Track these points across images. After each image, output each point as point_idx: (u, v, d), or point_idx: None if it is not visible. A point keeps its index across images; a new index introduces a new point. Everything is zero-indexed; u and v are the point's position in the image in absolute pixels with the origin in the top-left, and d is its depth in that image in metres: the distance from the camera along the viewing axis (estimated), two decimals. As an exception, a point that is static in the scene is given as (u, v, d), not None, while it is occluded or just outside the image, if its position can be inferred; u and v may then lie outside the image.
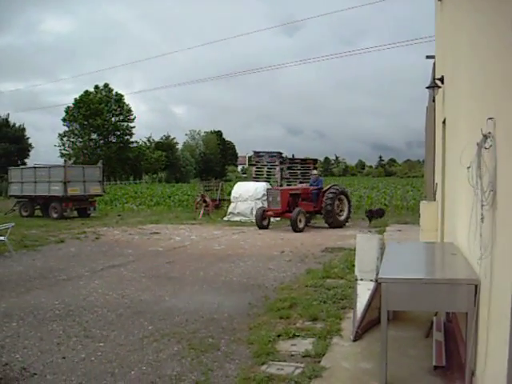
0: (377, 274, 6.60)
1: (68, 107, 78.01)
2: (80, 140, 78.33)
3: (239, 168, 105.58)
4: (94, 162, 33.90)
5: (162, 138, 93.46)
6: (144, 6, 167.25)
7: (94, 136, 78.57)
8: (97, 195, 30.75)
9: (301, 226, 21.21)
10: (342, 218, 23.31)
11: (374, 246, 7.16)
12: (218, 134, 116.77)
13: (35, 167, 31.59)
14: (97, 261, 14.11)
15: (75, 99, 77.27)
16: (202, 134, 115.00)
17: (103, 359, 6.65)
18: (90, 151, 74.86)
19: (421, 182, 50.77)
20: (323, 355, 6.41)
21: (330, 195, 22.73)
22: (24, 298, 9.98)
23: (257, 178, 29.70)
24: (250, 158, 31.22)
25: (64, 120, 78.39)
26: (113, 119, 79.33)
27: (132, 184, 65.99)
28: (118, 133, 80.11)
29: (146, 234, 20.72)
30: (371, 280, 7.11)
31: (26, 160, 60.07)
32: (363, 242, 7.38)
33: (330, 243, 16.95)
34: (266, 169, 29.97)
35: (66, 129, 78.96)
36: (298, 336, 7.19)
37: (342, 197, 23.51)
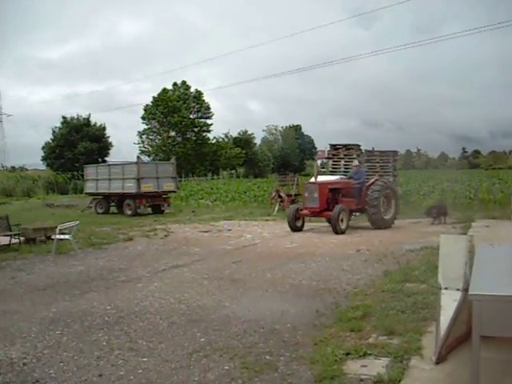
0: (465, 283, 5.44)
1: (147, 105, 78.92)
2: (159, 137, 79.09)
3: (318, 162, 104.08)
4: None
5: (239, 134, 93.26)
6: (214, 3, 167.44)
7: (172, 133, 79.14)
8: (170, 191, 30.39)
9: (343, 226, 18.32)
10: (389, 217, 20.28)
11: (462, 249, 5.91)
12: (297, 128, 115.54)
13: (109, 164, 31.66)
14: (160, 260, 13.41)
15: (153, 97, 78.04)
16: (280, 128, 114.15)
17: (143, 378, 5.78)
18: (169, 148, 75.28)
19: (508, 174, 48.03)
20: (399, 382, 5.29)
21: (376, 191, 19.82)
22: (76, 302, 9.33)
23: (334, 172, 28.41)
24: (328, 152, 30.18)
25: (143, 118, 79.33)
26: (191, 116, 79.65)
27: (209, 180, 65.92)
28: (196, 129, 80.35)
29: (216, 231, 19.98)
30: (457, 289, 5.87)
31: (106, 158, 60.94)
32: (448, 243, 6.12)
33: (410, 240, 15.56)
34: (343, 162, 28.61)
35: (145, 127, 79.97)
36: (370, 355, 6.07)
37: (389, 192, 20.65)
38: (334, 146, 29.56)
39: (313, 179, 21.07)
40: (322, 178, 21.99)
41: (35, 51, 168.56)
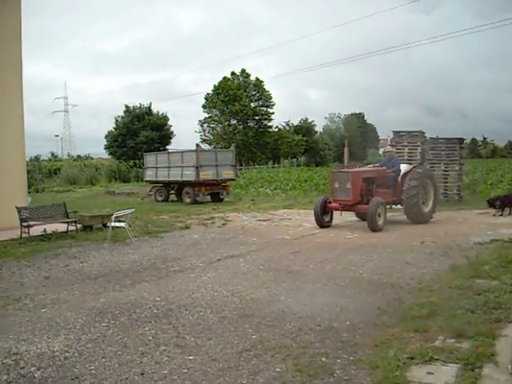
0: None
1: (207, 94, 79.07)
2: (219, 126, 79.16)
3: (380, 151, 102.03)
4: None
5: (300, 122, 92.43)
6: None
7: (233, 121, 79.03)
8: (229, 179, 30.05)
9: (380, 222, 15.82)
10: (427, 210, 17.87)
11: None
12: (359, 116, 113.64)
13: (169, 152, 31.58)
14: (216, 250, 13.01)
15: (214, 86, 78.07)
16: (342, 116, 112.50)
17: (187, 380, 5.35)
18: (230, 136, 75.19)
19: None
20: (471, 395, 4.67)
21: (414, 180, 17.40)
22: (126, 293, 9.03)
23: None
24: (391, 140, 29.12)
25: (204, 107, 79.55)
26: (252, 104, 79.32)
27: (270, 168, 65.48)
28: (257, 118, 80.00)
29: (275, 220, 19.49)
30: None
31: (167, 147, 61.18)
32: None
33: (478, 232, 14.64)
34: (406, 150, 27.53)
35: (206, 115, 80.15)
36: (437, 360, 5.45)
37: (427, 182, 18.16)
38: (397, 133, 28.50)
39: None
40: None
41: (96, 43, 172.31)
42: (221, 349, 6.18)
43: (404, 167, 18.05)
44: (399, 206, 18.10)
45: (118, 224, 14.81)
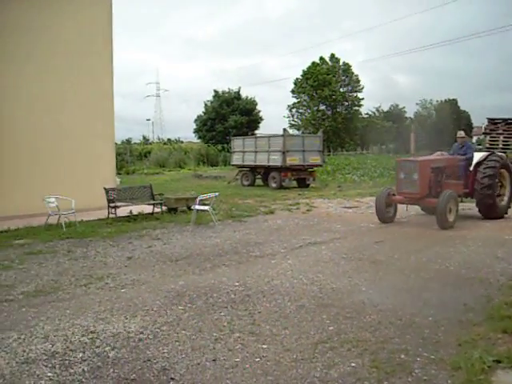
0: None
1: (296, 79, 78.67)
2: (308, 111, 78.66)
3: (474, 139, 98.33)
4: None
5: (390, 108, 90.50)
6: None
7: (321, 107, 78.31)
8: (316, 165, 29.75)
9: (451, 219, 13.89)
10: (502, 203, 15.96)
11: None
12: (453, 102, 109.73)
13: (256, 137, 31.64)
14: (299, 236, 12.83)
15: (303, 71, 77.60)
16: (435, 102, 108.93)
17: (258, 369, 5.21)
18: (318, 122, 74.60)
19: None
20: None
21: (490, 167, 15.38)
22: (205, 276, 9.01)
23: (491, 149, 26.23)
24: (485, 127, 27.83)
25: (293, 92, 79.25)
26: (341, 90, 78.29)
27: (358, 155, 64.52)
28: (346, 103, 78.91)
29: (361, 207, 19.08)
30: None
31: (256, 131, 61.45)
32: None
33: None
34: (501, 138, 26.28)
35: (295, 100, 79.82)
36: (528, 365, 5.05)
37: (503, 172, 16.06)
38: (492, 121, 27.26)
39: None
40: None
41: (185, 29, 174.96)
42: (296, 339, 6.00)
43: (478, 155, 16.12)
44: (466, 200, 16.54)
45: (202, 207, 14.91)
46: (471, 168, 15.81)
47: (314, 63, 77.65)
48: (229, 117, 62.11)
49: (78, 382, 5.00)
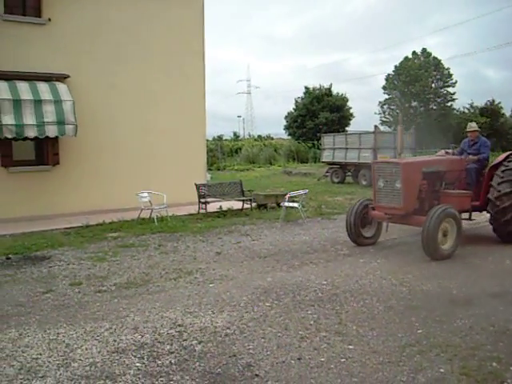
0: None
1: (388, 75, 77.24)
2: (400, 107, 77.01)
3: None
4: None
5: (486, 104, 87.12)
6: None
7: (413, 103, 76.47)
8: (408, 163, 29.03)
9: (445, 246, 10.14)
10: None
11: None
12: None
13: (346, 134, 31.32)
14: (389, 235, 12.50)
15: (395, 66, 76.01)
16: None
17: (343, 370, 5.14)
18: (410, 118, 72.90)
19: None
20: None
21: (508, 174, 11.34)
22: (293, 274, 9.01)
23: None
24: None
25: (384, 88, 77.85)
26: (432, 85, 76.07)
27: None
28: (439, 99, 76.62)
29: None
30: None
31: (346, 128, 60.76)
32: None
33: None
34: None
35: (387, 97, 78.35)
36: None
37: None
38: None
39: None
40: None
41: (269, 27, 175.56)
42: (383, 341, 5.89)
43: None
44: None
45: (291, 204, 14.92)
46: (486, 171, 11.96)
47: (406, 58, 75.88)
48: (319, 113, 61.73)
49: (165, 374, 5.11)
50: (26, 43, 14.87)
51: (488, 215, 11.91)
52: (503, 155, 12.00)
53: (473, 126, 12.75)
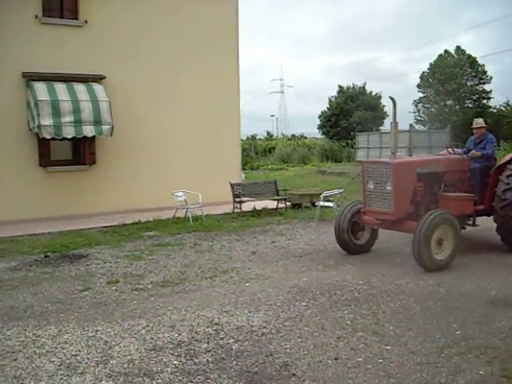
0: None
1: (423, 73, 76.28)
2: (435, 106, 76.01)
3: None
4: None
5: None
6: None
7: (448, 102, 75.39)
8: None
9: (440, 257, 9.14)
10: None
11: None
12: None
13: (381, 133, 31.16)
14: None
15: (430, 64, 75.06)
16: None
17: (381, 371, 5.11)
18: (445, 117, 71.91)
19: None
20: None
21: None
22: (329, 273, 8.98)
23: None
24: None
25: (419, 86, 76.90)
26: (468, 83, 74.87)
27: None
28: (474, 97, 75.42)
29: None
30: None
31: (380, 127, 60.34)
32: None
33: None
34: None
35: (421, 95, 77.41)
36: None
37: None
38: None
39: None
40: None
41: (300, 26, 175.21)
42: (421, 342, 5.83)
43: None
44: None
45: (326, 203, 14.85)
46: (491, 172, 10.77)
47: (440, 56, 74.87)
48: (353, 112, 61.44)
49: (202, 372, 5.15)
50: (63, 45, 15.13)
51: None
52: (510, 154, 10.86)
53: (479, 122, 11.68)
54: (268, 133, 77.18)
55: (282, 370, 5.17)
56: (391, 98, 10.85)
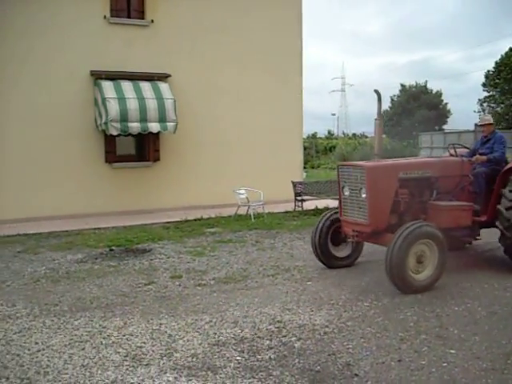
0: None
1: (488, 71, 74.26)
2: (502, 105, 73.92)
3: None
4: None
5: None
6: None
7: (516, 101, 73.17)
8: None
9: (420, 277, 7.82)
10: None
11: None
12: None
13: (445, 132, 30.59)
14: (494, 237, 12.03)
15: (496, 62, 72.97)
16: None
17: (445, 375, 5.03)
18: (512, 117, 69.87)
19: None
20: None
21: None
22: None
23: None
24: None
25: (484, 85, 74.91)
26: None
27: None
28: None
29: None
30: None
31: (443, 126, 59.19)
32: None
33: None
34: None
35: (486, 94, 75.41)
36: None
37: None
38: None
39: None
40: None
41: (360, 24, 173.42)
42: (486, 347, 5.70)
43: None
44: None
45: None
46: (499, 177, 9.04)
47: (506, 54, 72.68)
48: (415, 111, 60.44)
49: (264, 369, 5.18)
50: (130, 44, 15.49)
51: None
52: None
53: (486, 118, 10.13)
54: (329, 131, 76.83)
55: (345, 369, 5.15)
56: (376, 91, 10.11)
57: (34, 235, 12.63)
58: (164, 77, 15.75)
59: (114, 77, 15.00)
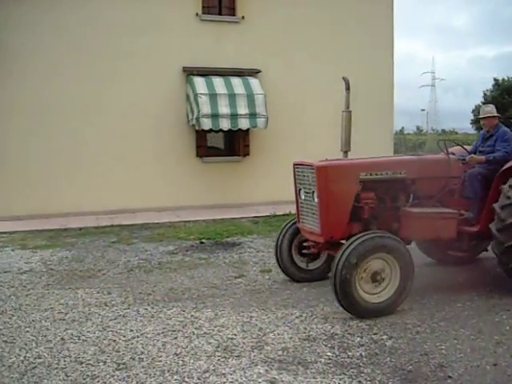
0: None
1: None
2: None
3: None
4: None
5: None
6: None
7: None
8: None
9: (379, 298, 6.55)
10: None
11: None
12: None
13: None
14: None
15: None
16: None
17: None
18: None
19: None
20: None
21: None
22: (488, 274, 8.60)
23: None
24: None
25: None
26: None
27: None
28: None
29: None
30: None
31: (541, 122, 56.66)
32: None
33: None
34: None
35: None
36: None
37: None
38: None
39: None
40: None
41: (446, 17, 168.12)
42: None
43: None
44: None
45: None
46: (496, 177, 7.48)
47: None
48: (510, 106, 58.11)
49: (355, 366, 5.15)
50: (220, 40, 15.74)
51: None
52: None
53: (487, 109, 8.15)
54: (417, 127, 75.15)
55: (438, 370, 5.04)
56: (344, 79, 9.28)
57: (128, 226, 13.07)
58: (254, 72, 15.88)
59: (205, 73, 15.28)
